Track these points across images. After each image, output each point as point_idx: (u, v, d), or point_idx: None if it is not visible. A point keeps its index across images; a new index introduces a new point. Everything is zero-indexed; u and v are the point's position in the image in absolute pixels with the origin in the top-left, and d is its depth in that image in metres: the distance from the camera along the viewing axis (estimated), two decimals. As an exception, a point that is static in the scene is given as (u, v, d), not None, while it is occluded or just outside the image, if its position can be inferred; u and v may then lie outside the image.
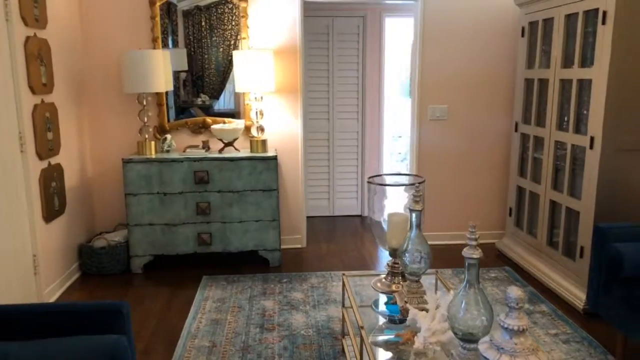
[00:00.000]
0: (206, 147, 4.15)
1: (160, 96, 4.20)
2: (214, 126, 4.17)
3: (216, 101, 4.37)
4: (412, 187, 2.65)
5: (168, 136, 4.15)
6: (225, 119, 4.31)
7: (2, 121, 2.98)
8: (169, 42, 4.20)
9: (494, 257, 4.27)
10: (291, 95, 4.32)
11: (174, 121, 4.30)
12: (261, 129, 4.14)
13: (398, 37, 6.17)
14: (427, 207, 3.07)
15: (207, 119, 4.29)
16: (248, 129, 4.26)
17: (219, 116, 4.34)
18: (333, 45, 5.26)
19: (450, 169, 4.52)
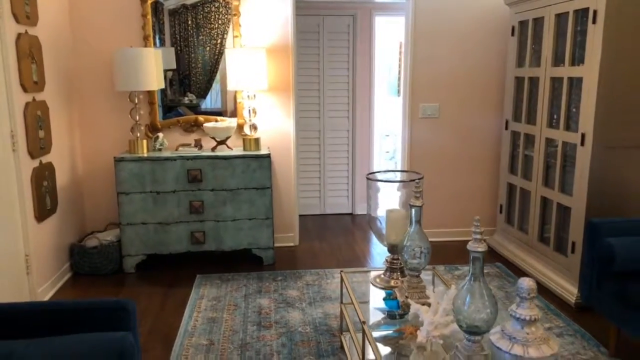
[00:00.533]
0: (198, 145, 4.13)
1: (151, 94, 4.17)
2: (206, 124, 4.15)
3: (203, 100, 4.35)
4: (407, 183, 2.68)
5: (160, 135, 4.12)
6: (217, 117, 4.30)
7: (-6, 119, 2.94)
8: (156, 40, 4.16)
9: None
10: (283, 94, 4.32)
11: (166, 120, 4.27)
12: (254, 127, 4.13)
13: (388, 36, 6.21)
14: (423, 204, 3.10)
15: (200, 117, 4.27)
16: (241, 127, 4.25)
17: (206, 115, 4.32)
18: (324, 44, 5.27)
19: (441, 167, 4.56)
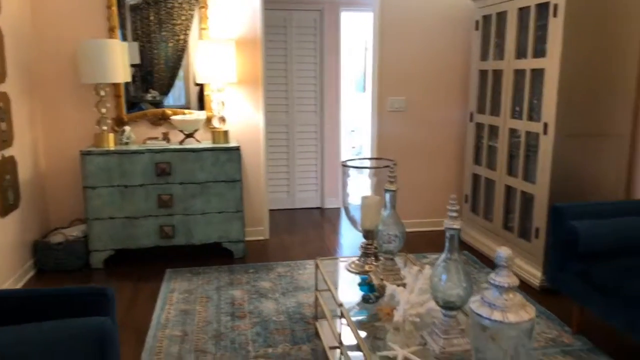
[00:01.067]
0: (166, 139, 4.08)
1: (117, 87, 4.09)
2: (174, 117, 4.10)
3: (166, 97, 4.27)
4: (380, 170, 2.73)
5: (127, 128, 4.05)
6: (184, 110, 4.26)
7: (-46, 109, 2.83)
8: (118, 35, 4.08)
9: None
10: (252, 87, 4.32)
11: (132, 113, 4.19)
12: (223, 119, 4.11)
13: (354, 32, 6.27)
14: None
15: (167, 110, 4.22)
16: (209, 120, 4.22)
17: (172, 110, 4.27)
18: (291, 38, 5.28)
19: (409, 159, 4.64)
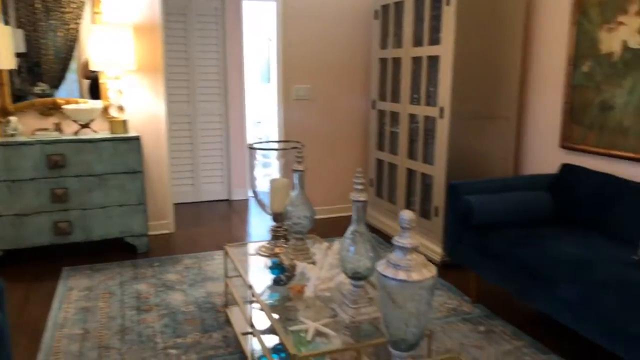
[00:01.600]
0: (58, 129, 3.82)
1: (2, 75, 3.76)
2: (67, 106, 3.84)
3: (56, 91, 3.99)
4: (287, 152, 2.75)
5: (12, 118, 3.73)
6: (78, 99, 4.00)
7: None
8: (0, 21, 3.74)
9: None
10: (152, 75, 4.15)
11: (18, 103, 3.87)
12: (121, 108, 3.92)
13: (258, 21, 6.23)
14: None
15: (58, 100, 3.94)
16: (106, 109, 4.00)
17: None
18: (192, 26, 5.14)
19: (315, 147, 4.70)
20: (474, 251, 2.96)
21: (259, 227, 4.64)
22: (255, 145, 2.68)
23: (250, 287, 2.24)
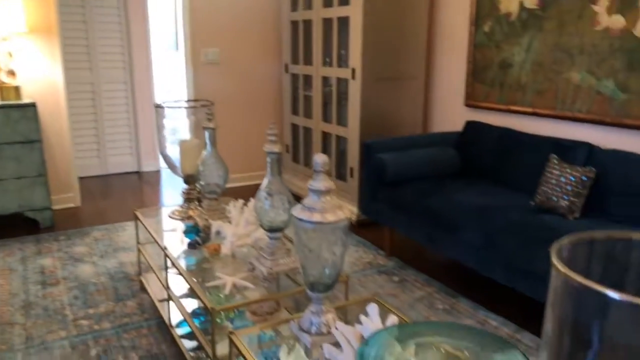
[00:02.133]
0: (-61, 96, 3.45)
1: None
2: (-53, 71, 3.48)
3: None
4: (198, 109, 2.66)
5: None
6: (-39, 64, 3.63)
7: None
8: None
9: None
10: (46, 38, 3.83)
11: None
12: (12, 73, 3.60)
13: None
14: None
15: (-63, 63, 3.55)
16: (-5, 74, 3.66)
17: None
18: (89, -14, 4.80)
19: (227, 113, 4.60)
20: (387, 206, 3.06)
21: (172, 197, 4.50)
22: (164, 105, 2.57)
23: (165, 249, 2.17)
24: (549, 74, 2.96)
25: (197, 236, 2.32)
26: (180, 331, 2.22)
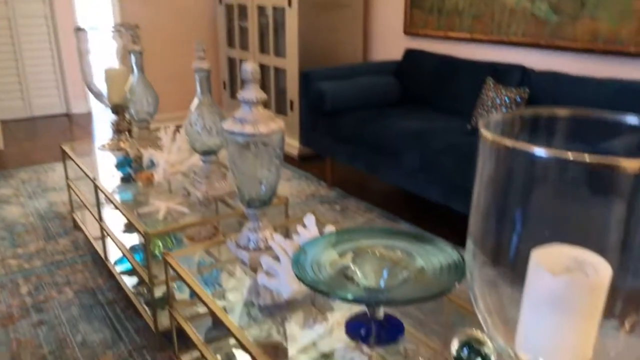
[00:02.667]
0: None
1: None
2: None
3: None
4: (123, 33, 2.50)
5: None
6: None
7: None
8: None
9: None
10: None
11: None
12: None
13: None
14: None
15: None
16: None
17: None
18: None
19: (159, 49, 4.35)
20: (327, 136, 3.03)
21: (104, 137, 4.28)
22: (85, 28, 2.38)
23: (94, 180, 2.06)
24: (485, -2, 2.94)
25: (130, 168, 2.22)
26: (120, 268, 2.14)
